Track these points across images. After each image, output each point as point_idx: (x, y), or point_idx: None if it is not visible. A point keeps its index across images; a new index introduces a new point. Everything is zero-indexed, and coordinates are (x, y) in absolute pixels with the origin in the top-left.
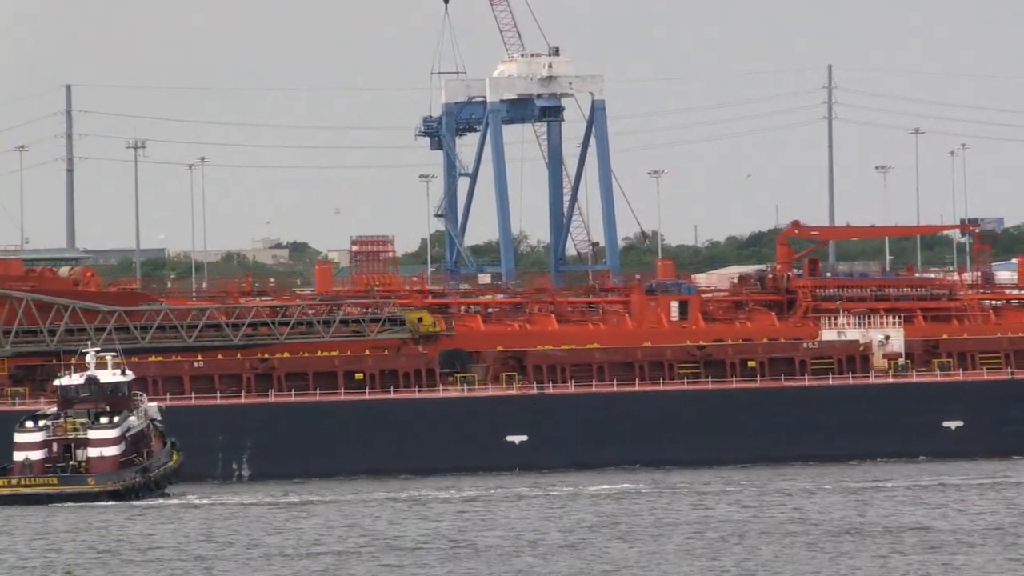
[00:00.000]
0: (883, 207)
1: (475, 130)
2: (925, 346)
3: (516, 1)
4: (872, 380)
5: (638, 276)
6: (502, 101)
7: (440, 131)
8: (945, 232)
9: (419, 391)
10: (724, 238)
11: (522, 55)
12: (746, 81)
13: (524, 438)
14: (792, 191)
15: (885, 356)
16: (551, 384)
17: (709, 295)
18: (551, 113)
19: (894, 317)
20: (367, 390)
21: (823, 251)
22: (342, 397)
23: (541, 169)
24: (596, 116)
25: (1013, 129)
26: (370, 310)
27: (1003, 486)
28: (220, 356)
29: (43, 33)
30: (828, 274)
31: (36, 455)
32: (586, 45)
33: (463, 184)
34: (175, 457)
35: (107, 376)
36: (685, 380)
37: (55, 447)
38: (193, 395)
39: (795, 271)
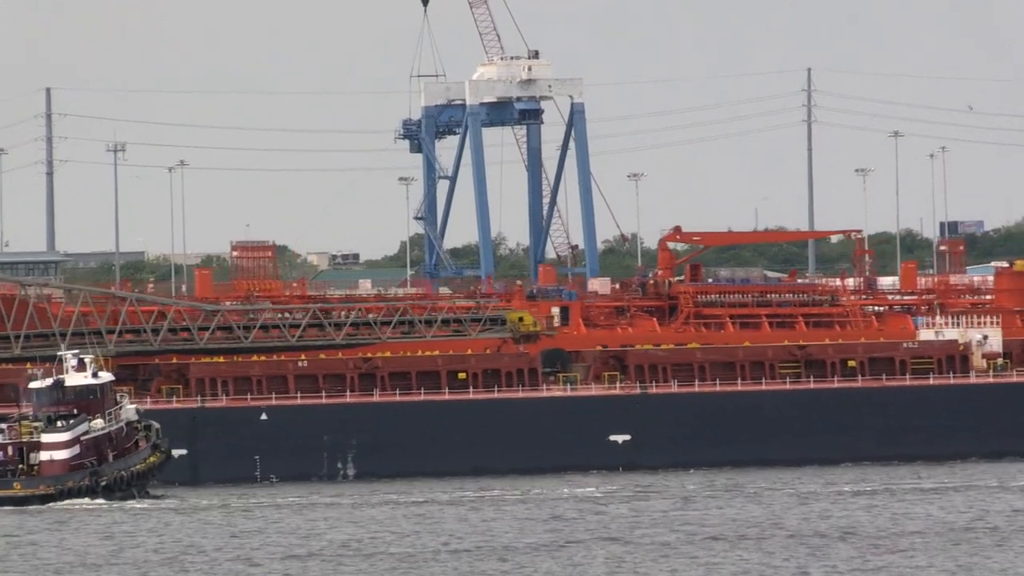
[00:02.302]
0: (862, 210)
1: (455, 133)
2: (1023, 346)
3: (495, 4)
4: (973, 380)
5: (519, 282)
6: (481, 104)
7: (420, 134)
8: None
9: (522, 390)
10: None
11: (501, 58)
12: (726, 84)
13: (627, 437)
14: (771, 193)
15: (984, 356)
16: (653, 384)
17: (590, 301)
18: (530, 116)
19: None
20: (471, 390)
21: (705, 256)
22: (447, 396)
23: (521, 172)
24: (575, 119)
25: (993, 132)
26: (471, 310)
27: None
28: (323, 355)
29: (23, 36)
30: (710, 280)
31: None
32: (565, 48)
33: (443, 187)
34: (151, 459)
35: (77, 379)
36: (787, 380)
37: (10, 450)
38: (299, 395)
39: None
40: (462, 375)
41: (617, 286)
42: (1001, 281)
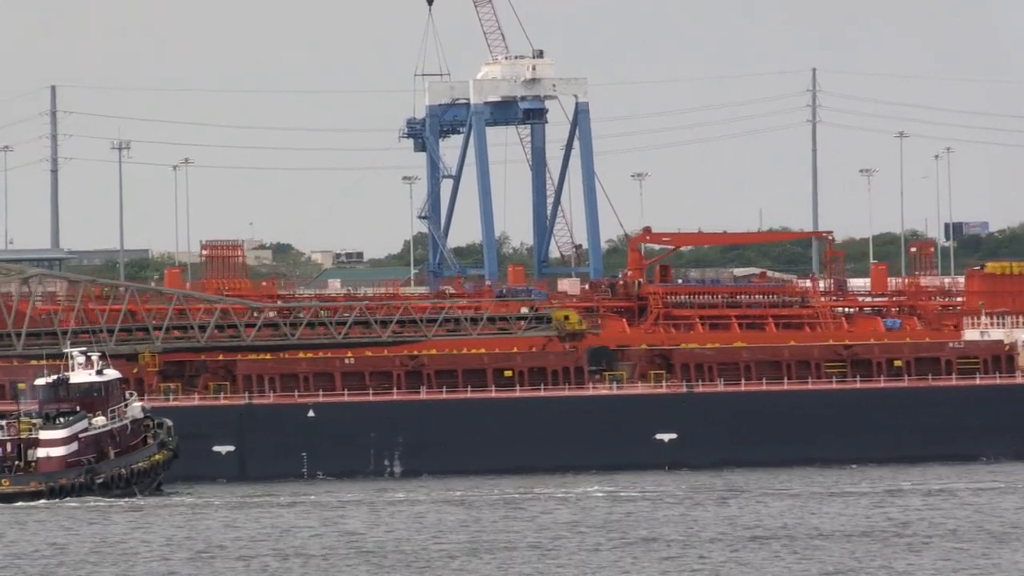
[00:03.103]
0: (867, 210)
1: (459, 132)
2: None
3: (500, 3)
4: (1019, 380)
5: (489, 282)
6: (486, 103)
7: (424, 133)
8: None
9: (568, 389)
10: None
11: (506, 57)
12: (730, 84)
13: (673, 436)
14: (776, 194)
15: None
16: (699, 383)
17: (559, 301)
18: (535, 115)
19: None
20: (517, 388)
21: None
22: (493, 394)
23: (525, 171)
24: (580, 118)
25: (998, 133)
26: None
27: None
28: (369, 353)
29: (28, 33)
30: (679, 280)
31: None
32: (570, 47)
33: (446, 186)
34: (156, 457)
35: (81, 377)
36: (833, 379)
37: (9, 447)
38: (345, 392)
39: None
40: (508, 373)
41: (587, 286)
42: (972, 283)
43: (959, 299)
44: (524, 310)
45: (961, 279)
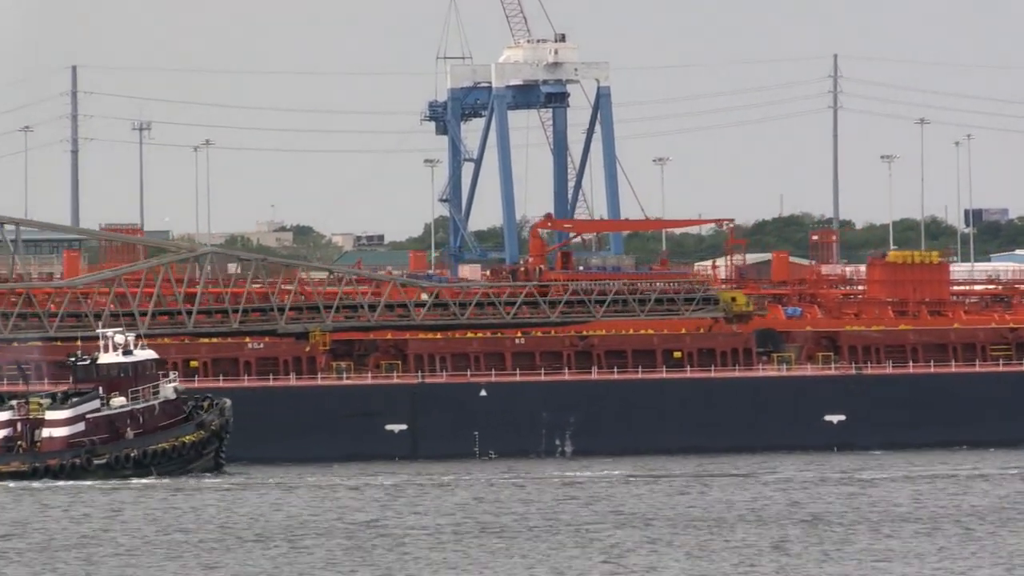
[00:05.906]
0: (887, 197)
1: (480, 115)
2: None
3: None
4: None
5: (389, 267)
6: (508, 87)
7: (445, 116)
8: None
9: (738, 370)
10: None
11: (528, 41)
12: (752, 69)
13: (842, 418)
14: (797, 180)
15: None
16: (867, 364)
17: (460, 287)
18: (556, 99)
19: None
20: (688, 368)
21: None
22: (664, 375)
23: (546, 155)
24: (601, 102)
25: (1020, 120)
26: (683, 291)
27: None
28: (539, 333)
29: (49, 14)
30: (580, 267)
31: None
32: (592, 31)
33: (468, 169)
34: (186, 438)
35: (109, 358)
36: (1000, 362)
37: (19, 427)
38: (517, 371)
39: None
40: (677, 354)
41: (488, 273)
42: (874, 272)
43: (860, 287)
44: (424, 296)
45: (863, 267)
